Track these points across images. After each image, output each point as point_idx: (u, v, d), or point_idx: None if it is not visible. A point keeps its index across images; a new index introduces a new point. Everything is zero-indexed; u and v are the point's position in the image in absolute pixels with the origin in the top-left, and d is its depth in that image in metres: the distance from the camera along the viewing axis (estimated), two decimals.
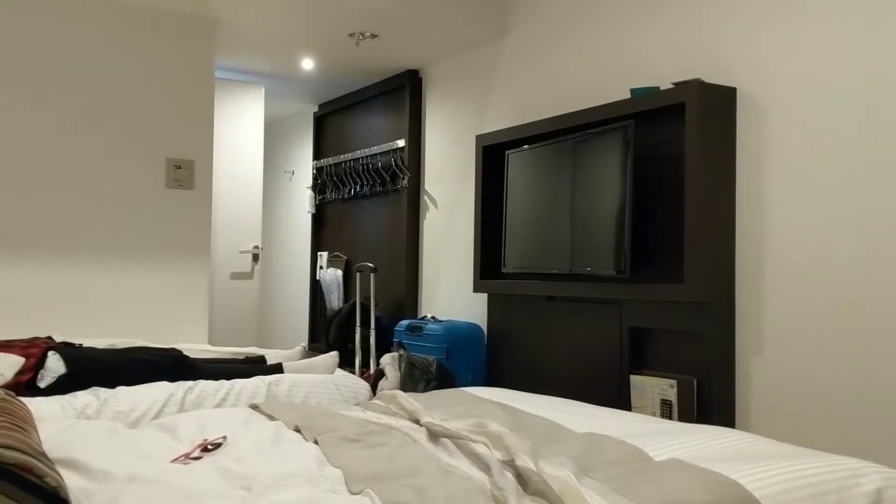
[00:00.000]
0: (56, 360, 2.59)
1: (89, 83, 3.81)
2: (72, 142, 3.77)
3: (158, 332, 3.95)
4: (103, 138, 3.85)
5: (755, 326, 2.97)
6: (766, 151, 2.96)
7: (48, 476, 1.16)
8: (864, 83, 2.67)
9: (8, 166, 3.62)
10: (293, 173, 6.74)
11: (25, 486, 1.14)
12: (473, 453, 1.74)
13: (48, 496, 1.15)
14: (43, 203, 3.69)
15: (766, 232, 2.95)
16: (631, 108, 3.26)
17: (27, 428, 1.44)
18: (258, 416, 2.23)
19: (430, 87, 5.00)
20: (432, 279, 4.90)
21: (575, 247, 3.49)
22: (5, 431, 1.30)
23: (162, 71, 4.00)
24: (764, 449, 1.85)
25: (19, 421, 1.46)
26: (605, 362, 3.40)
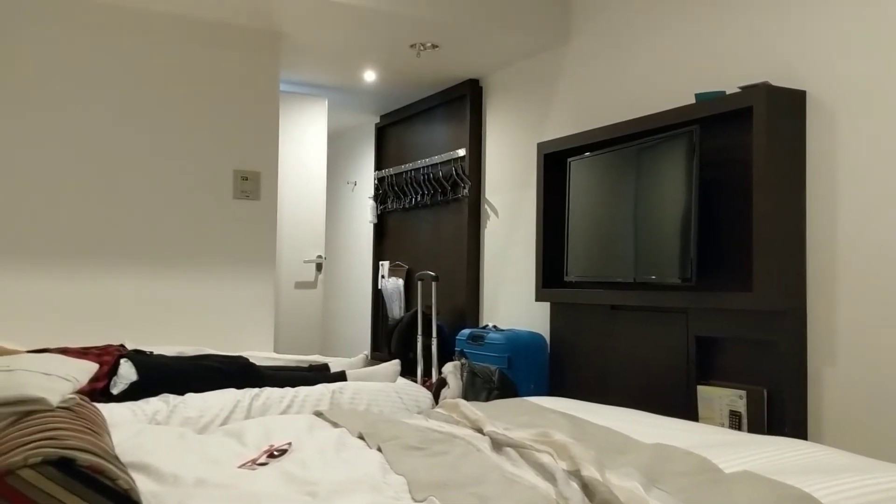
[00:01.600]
0: (128, 368, 2.66)
1: (160, 98, 3.92)
2: (144, 155, 3.88)
3: (226, 340, 4.03)
4: (174, 151, 3.95)
5: (828, 335, 2.87)
6: (836, 155, 2.87)
7: (120, 479, 1.18)
8: None
9: (84, 180, 3.75)
10: (355, 184, 6.81)
11: (99, 488, 1.17)
12: (538, 463, 1.72)
13: (120, 498, 1.18)
14: (118, 215, 3.81)
15: (837, 237, 2.86)
16: (696, 112, 3.20)
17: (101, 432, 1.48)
18: (322, 423, 2.25)
19: (490, 96, 5.00)
20: (493, 288, 4.88)
21: (639, 254, 3.44)
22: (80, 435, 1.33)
23: (229, 85, 4.10)
24: (839, 462, 1.79)
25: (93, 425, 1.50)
26: (671, 373, 3.33)
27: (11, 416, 1.51)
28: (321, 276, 5.30)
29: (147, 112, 3.90)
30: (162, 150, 3.93)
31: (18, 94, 3.63)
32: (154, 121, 3.91)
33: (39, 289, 3.63)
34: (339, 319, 7.02)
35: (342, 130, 7.00)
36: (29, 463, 1.14)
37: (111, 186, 3.81)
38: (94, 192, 3.77)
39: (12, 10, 3.62)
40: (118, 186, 3.82)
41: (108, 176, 3.81)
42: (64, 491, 1.15)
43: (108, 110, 3.81)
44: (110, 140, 3.82)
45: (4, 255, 3.57)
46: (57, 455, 1.16)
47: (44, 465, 1.15)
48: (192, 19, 4.00)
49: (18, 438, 1.28)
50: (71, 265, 3.70)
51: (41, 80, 3.67)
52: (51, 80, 3.69)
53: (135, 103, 3.87)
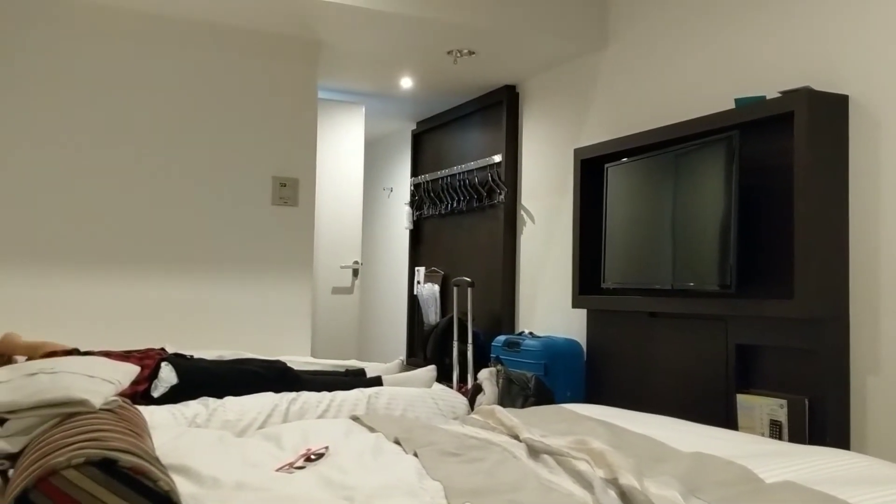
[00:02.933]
0: (169, 371, 2.70)
1: (201, 106, 3.98)
2: (186, 162, 3.94)
3: (264, 345, 4.07)
4: (215, 158, 4.01)
5: (871, 344, 2.81)
6: (880, 161, 2.82)
7: (161, 480, 1.20)
8: None
9: (128, 187, 3.81)
10: (391, 190, 6.84)
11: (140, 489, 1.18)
12: (575, 470, 1.70)
13: (161, 499, 1.19)
14: (160, 221, 3.87)
15: (881, 245, 2.80)
16: (736, 118, 3.16)
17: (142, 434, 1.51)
18: (359, 428, 2.25)
19: (527, 102, 4.99)
20: (530, 294, 4.86)
21: (677, 261, 3.40)
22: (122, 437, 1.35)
23: (268, 93, 4.15)
24: (884, 472, 1.75)
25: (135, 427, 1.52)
26: (710, 381, 3.29)
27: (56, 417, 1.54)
28: (357, 281, 5.33)
29: (189, 120, 3.96)
30: (203, 157, 3.99)
31: (65, 102, 3.71)
32: (196, 128, 3.97)
33: (83, 293, 3.70)
34: (375, 325, 7.05)
35: (379, 137, 7.04)
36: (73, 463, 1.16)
37: (154, 193, 3.87)
38: (138, 199, 3.84)
39: (53, 22, 3.70)
40: (161, 193, 3.89)
41: (152, 183, 3.87)
42: (106, 491, 1.17)
43: (152, 118, 3.88)
44: (155, 148, 3.88)
45: (52, 260, 3.65)
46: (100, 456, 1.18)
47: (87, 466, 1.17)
48: (233, 28, 4.06)
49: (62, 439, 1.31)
50: (115, 270, 3.77)
51: (82, 88, 3.75)
52: (101, 88, 3.77)
53: (178, 111, 3.94)
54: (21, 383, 1.63)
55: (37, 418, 1.54)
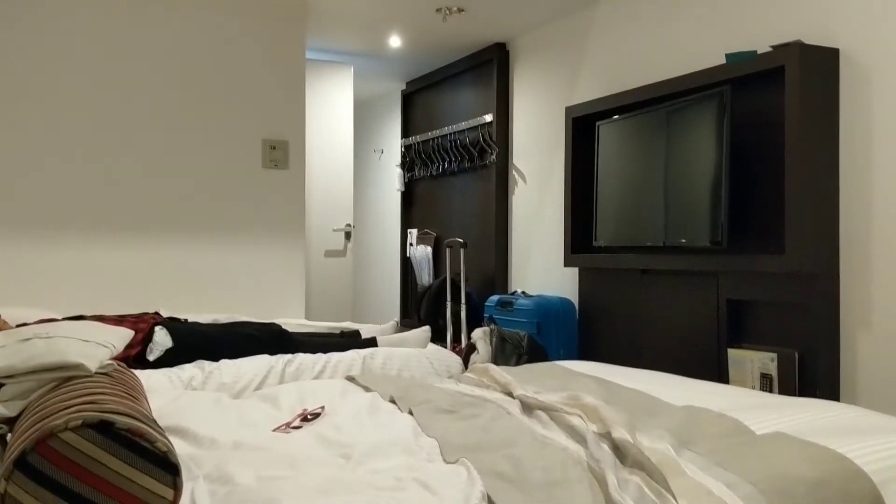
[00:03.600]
0: (164, 335, 2.70)
1: (188, 68, 3.94)
2: (175, 125, 3.91)
3: (258, 309, 4.08)
4: (203, 121, 3.97)
5: (862, 297, 2.84)
6: (871, 115, 2.81)
7: (159, 441, 1.21)
8: None
9: (117, 152, 3.78)
10: (382, 152, 6.81)
11: (138, 450, 1.19)
12: (568, 425, 1.72)
13: (159, 460, 1.20)
14: (148, 186, 3.85)
15: (871, 199, 2.81)
16: (727, 73, 3.15)
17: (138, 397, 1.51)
18: (354, 388, 2.27)
19: (517, 60, 4.95)
20: (522, 254, 4.87)
21: (669, 218, 3.41)
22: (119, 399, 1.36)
23: (256, 54, 4.10)
24: (873, 423, 1.77)
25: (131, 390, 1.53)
26: (701, 336, 3.32)
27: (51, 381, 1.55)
28: (350, 244, 5.32)
29: (175, 82, 3.91)
30: (192, 121, 3.95)
31: (51, 67, 3.66)
32: (182, 91, 3.93)
33: (75, 258, 3.70)
34: (368, 287, 7.07)
35: (368, 98, 6.98)
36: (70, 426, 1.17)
37: (145, 158, 3.84)
38: (128, 163, 3.81)
39: None
40: (151, 158, 3.86)
41: (142, 148, 3.84)
42: (104, 453, 1.17)
43: (136, 81, 3.83)
44: (141, 111, 3.84)
45: (42, 225, 3.63)
46: (97, 418, 1.19)
47: (84, 428, 1.18)
48: None
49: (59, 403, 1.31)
50: (107, 236, 3.75)
51: (69, 52, 3.70)
52: (79, 52, 3.72)
53: (165, 74, 3.89)
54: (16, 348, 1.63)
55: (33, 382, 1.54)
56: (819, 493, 1.38)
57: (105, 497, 1.16)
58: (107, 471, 1.17)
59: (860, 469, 1.46)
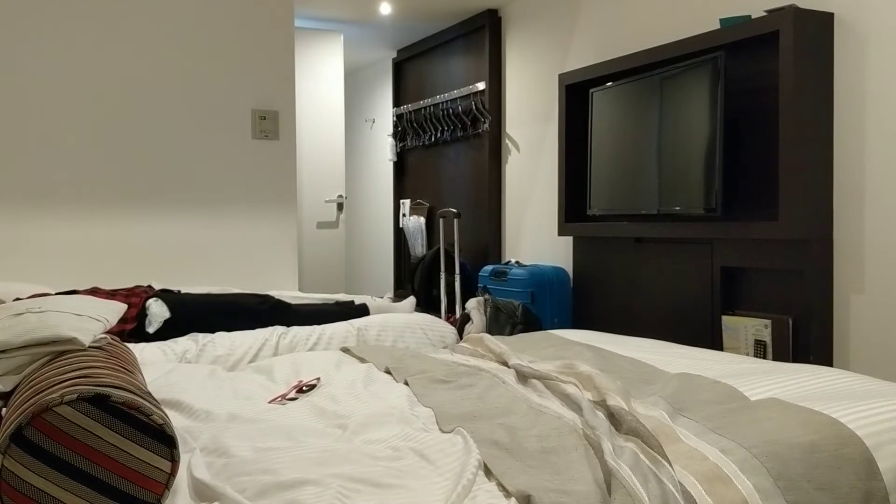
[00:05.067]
0: (159, 306, 2.70)
1: (175, 37, 3.89)
2: (163, 96, 3.87)
3: (251, 281, 4.07)
4: (192, 92, 3.93)
5: (855, 263, 2.85)
6: (865, 80, 2.80)
7: (155, 414, 1.21)
8: None
9: (104, 124, 3.74)
10: (374, 121, 6.76)
11: (134, 423, 1.19)
12: (563, 394, 1.73)
13: (155, 433, 1.20)
14: (141, 157, 3.81)
15: (865, 166, 2.81)
16: (721, 38, 3.12)
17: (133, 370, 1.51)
18: (349, 359, 2.28)
19: (509, 27, 4.90)
20: (516, 224, 4.87)
21: (663, 186, 3.40)
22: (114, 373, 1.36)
23: (243, 23, 4.04)
24: (866, 387, 1.79)
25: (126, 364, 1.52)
26: (696, 303, 3.33)
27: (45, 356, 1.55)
28: (342, 215, 5.31)
29: (163, 52, 3.87)
30: (180, 91, 3.91)
31: (32, 36, 3.61)
32: (171, 61, 3.88)
33: (66, 232, 3.67)
34: (361, 258, 7.06)
35: (359, 67, 6.92)
36: (65, 400, 1.17)
37: (134, 130, 3.81)
38: (119, 136, 3.77)
39: None
40: (140, 130, 3.82)
41: (129, 119, 3.80)
42: (100, 426, 1.17)
43: (124, 52, 3.78)
44: (129, 83, 3.80)
45: (32, 199, 3.60)
46: (92, 392, 1.19)
47: (80, 402, 1.17)
48: None
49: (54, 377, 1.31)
50: (97, 209, 3.73)
51: (55, 24, 3.64)
52: (64, 23, 3.66)
53: (150, 43, 3.84)
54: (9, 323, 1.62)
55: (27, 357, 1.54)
56: (812, 457, 1.40)
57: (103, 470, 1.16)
58: (103, 444, 1.17)
59: (853, 433, 1.47)
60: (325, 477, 1.26)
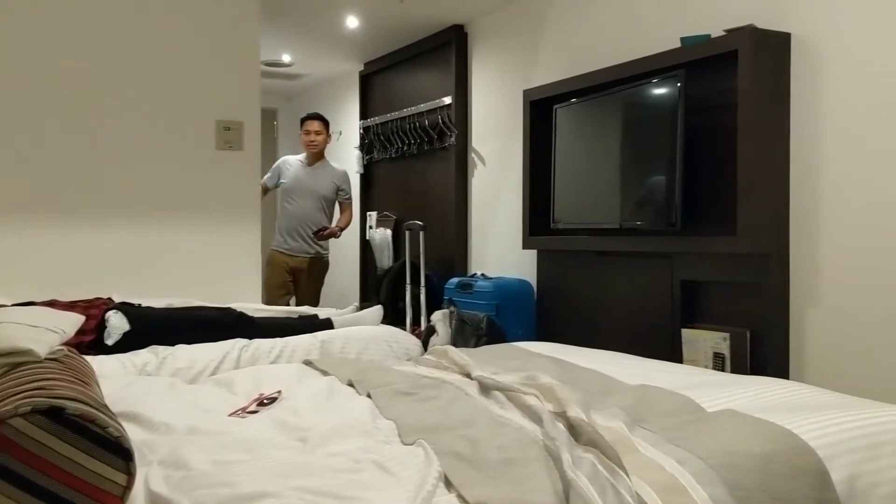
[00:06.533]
0: (119, 318, 2.66)
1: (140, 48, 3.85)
2: (126, 107, 3.82)
3: (213, 293, 4.02)
4: (155, 102, 3.89)
5: (811, 277, 2.90)
6: (821, 98, 2.87)
7: (110, 426, 1.20)
8: None
9: (64, 133, 3.70)
10: (341, 133, 6.75)
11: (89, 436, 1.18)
12: (525, 405, 1.74)
13: (111, 445, 1.19)
14: (103, 168, 3.77)
15: (821, 182, 2.87)
16: (681, 57, 3.18)
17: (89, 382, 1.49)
18: (312, 372, 2.27)
19: (475, 43, 4.94)
20: (482, 236, 4.89)
21: (625, 201, 3.44)
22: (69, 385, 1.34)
23: (209, 33, 4.02)
24: (820, 399, 1.82)
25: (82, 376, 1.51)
26: (656, 316, 3.37)
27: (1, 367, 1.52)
28: None
29: (127, 62, 3.83)
30: (143, 101, 3.87)
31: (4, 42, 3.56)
32: (134, 70, 3.85)
33: (25, 243, 3.61)
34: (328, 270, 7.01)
35: (326, 79, 6.91)
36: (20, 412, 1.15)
37: (96, 139, 3.76)
38: (80, 146, 3.72)
39: None
40: (103, 139, 3.77)
41: (91, 129, 3.75)
42: (55, 439, 1.16)
43: (86, 62, 3.74)
44: (91, 92, 3.75)
45: None
46: (47, 404, 1.17)
47: (34, 415, 1.16)
48: None
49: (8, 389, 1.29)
50: (56, 219, 3.67)
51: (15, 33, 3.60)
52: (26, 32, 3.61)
53: (114, 54, 3.80)
54: None
55: None
56: (767, 467, 1.42)
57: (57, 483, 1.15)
58: (58, 457, 1.15)
59: (807, 444, 1.50)
60: (286, 490, 1.26)
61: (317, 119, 5.15)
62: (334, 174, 5.19)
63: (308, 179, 5.10)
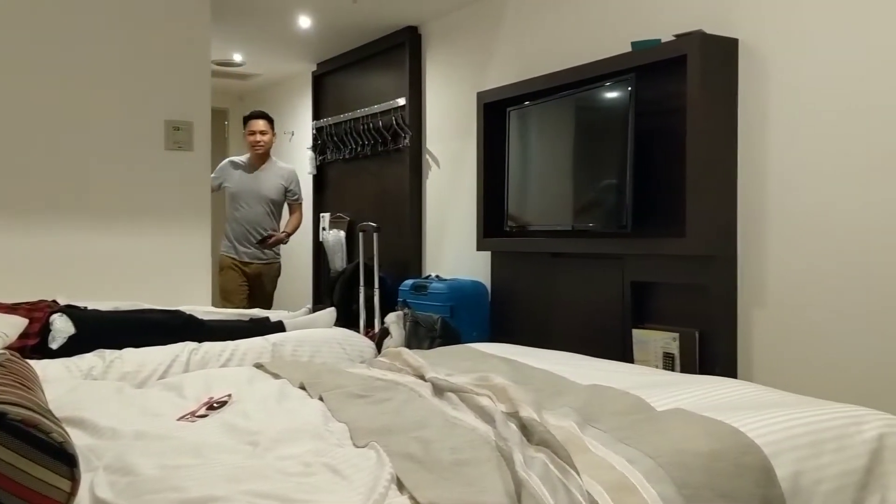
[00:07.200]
0: (64, 322, 2.60)
1: (85, 46, 3.77)
2: (71, 106, 3.74)
3: (162, 296, 3.95)
4: (101, 101, 3.81)
5: (758, 278, 2.97)
6: (768, 103, 2.93)
7: (54, 432, 1.17)
8: (867, 32, 2.63)
9: (7, 132, 3.60)
10: (293, 134, 6.70)
11: (33, 442, 1.15)
12: (478, 406, 1.75)
13: (54, 451, 1.16)
14: (46, 168, 3.68)
15: (767, 184, 2.94)
16: (632, 61, 3.22)
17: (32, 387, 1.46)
18: (263, 375, 2.24)
19: (429, 45, 4.94)
20: (436, 238, 4.89)
21: (577, 203, 3.47)
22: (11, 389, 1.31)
23: (157, 32, 3.95)
24: (766, 398, 1.86)
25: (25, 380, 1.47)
26: (608, 317, 3.41)
27: None
28: None
29: (73, 60, 3.75)
30: (89, 100, 3.79)
31: None
32: (81, 69, 3.76)
33: None
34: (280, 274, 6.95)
35: (279, 78, 6.85)
36: None
37: (40, 139, 3.67)
38: (23, 145, 3.63)
39: None
40: (47, 139, 3.69)
41: (35, 128, 3.66)
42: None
43: (30, 59, 3.65)
44: (35, 89, 3.66)
45: None
46: None
47: None
48: None
49: None
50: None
51: None
52: None
53: (58, 52, 3.71)
54: None
55: None
56: (714, 465, 1.44)
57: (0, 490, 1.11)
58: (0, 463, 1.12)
59: (753, 442, 1.52)
60: (235, 494, 1.24)
61: (262, 118, 4.97)
62: (281, 174, 5.03)
63: (254, 183, 4.95)
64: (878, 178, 2.61)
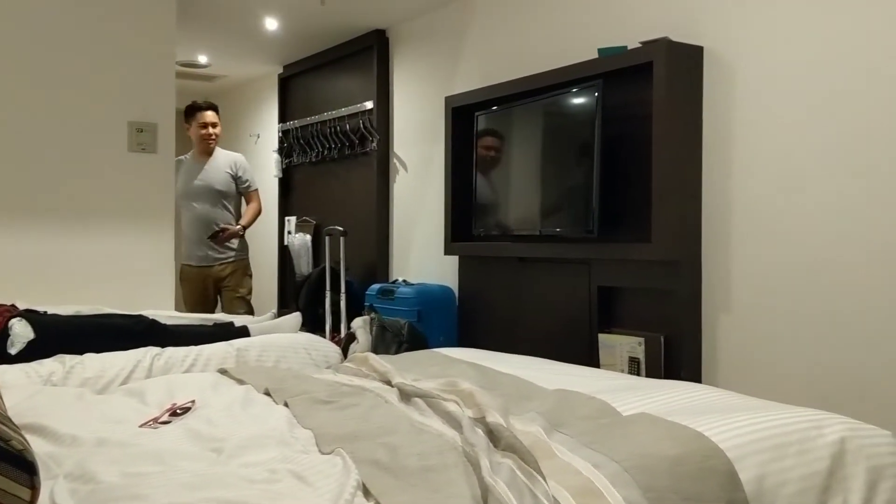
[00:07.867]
0: (23, 326, 2.55)
1: (47, 45, 3.70)
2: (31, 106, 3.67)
3: (124, 300, 3.88)
4: (63, 101, 3.75)
5: (723, 284, 3.00)
6: (732, 110, 2.97)
7: (14, 439, 1.14)
8: (831, 41, 2.68)
9: None
10: (258, 136, 6.65)
11: None
12: (445, 412, 1.74)
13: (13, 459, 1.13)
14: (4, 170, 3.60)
15: (732, 190, 2.97)
16: (599, 67, 3.25)
17: None
18: (227, 381, 2.22)
19: (397, 48, 4.94)
20: (403, 243, 4.88)
21: (544, 208, 3.49)
22: None
23: (122, 33, 3.90)
24: (730, 402, 1.88)
25: None
26: (574, 322, 3.43)
27: None
28: None
29: (34, 60, 3.68)
30: (51, 100, 3.72)
31: None
32: (42, 69, 3.70)
33: None
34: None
35: (244, 80, 6.80)
36: None
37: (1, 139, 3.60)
38: None
39: None
40: (9, 139, 3.61)
41: None
42: None
43: None
44: None
45: None
46: None
47: None
48: None
49: None
50: None
51: None
52: None
53: (19, 49, 3.64)
54: None
55: None
56: (679, 469, 1.46)
57: None
58: None
59: (717, 446, 1.54)
60: (198, 501, 1.22)
61: (212, 109, 4.75)
62: (226, 162, 4.76)
63: (200, 178, 4.69)
64: (841, 184, 2.65)
